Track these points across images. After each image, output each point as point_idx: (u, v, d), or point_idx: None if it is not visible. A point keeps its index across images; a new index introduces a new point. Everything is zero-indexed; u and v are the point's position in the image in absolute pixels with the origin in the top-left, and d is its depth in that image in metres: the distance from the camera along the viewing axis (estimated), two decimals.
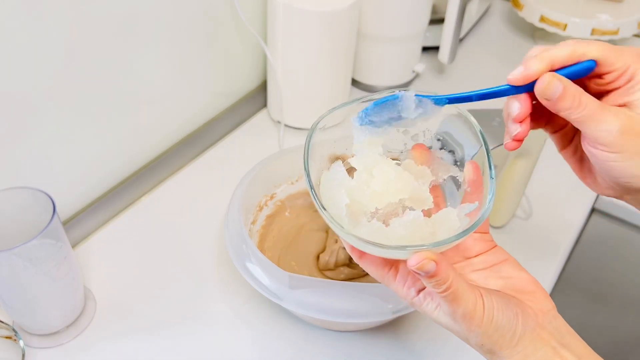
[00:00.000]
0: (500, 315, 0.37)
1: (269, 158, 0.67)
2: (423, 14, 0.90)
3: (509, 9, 1.23)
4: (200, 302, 0.64)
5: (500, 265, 0.41)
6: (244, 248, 0.58)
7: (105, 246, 0.69)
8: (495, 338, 0.37)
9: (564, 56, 0.36)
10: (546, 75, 0.35)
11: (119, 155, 0.72)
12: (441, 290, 0.36)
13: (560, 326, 0.38)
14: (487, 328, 0.36)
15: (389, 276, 0.40)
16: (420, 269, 0.35)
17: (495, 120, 0.60)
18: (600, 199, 0.81)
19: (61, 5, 0.56)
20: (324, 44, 0.79)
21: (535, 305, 0.39)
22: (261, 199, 0.68)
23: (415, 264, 0.34)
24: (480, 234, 0.42)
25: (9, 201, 0.53)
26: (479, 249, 0.41)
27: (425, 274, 0.35)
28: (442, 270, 0.35)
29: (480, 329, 0.36)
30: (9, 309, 0.56)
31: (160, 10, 0.68)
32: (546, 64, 0.35)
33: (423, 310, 0.39)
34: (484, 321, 0.36)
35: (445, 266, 0.35)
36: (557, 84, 0.35)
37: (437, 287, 0.36)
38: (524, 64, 0.36)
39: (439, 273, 0.35)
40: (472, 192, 0.40)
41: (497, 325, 0.36)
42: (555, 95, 0.35)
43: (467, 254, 0.42)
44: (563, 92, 0.35)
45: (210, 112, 0.84)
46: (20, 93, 0.57)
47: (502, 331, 0.37)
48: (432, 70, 1.03)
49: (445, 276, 0.35)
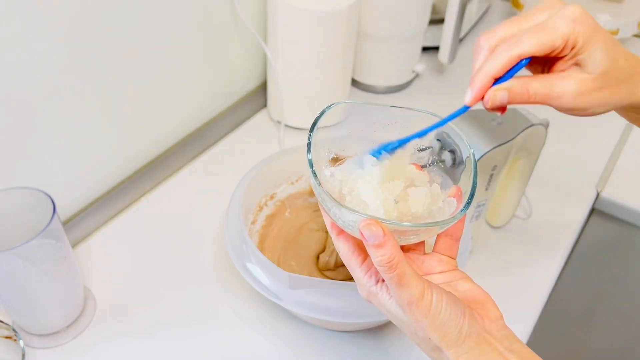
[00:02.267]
0: (448, 310, 0.37)
1: (268, 158, 0.67)
2: (423, 14, 0.90)
3: (509, 9, 1.23)
4: (200, 302, 0.64)
5: (457, 281, 0.42)
6: (244, 248, 0.58)
7: (105, 246, 0.69)
8: (442, 333, 0.37)
9: (501, 67, 0.39)
10: (488, 92, 0.40)
11: (119, 155, 0.72)
12: (387, 269, 0.36)
13: (508, 335, 0.39)
14: (434, 319, 0.37)
15: (357, 261, 0.41)
16: (367, 227, 0.36)
17: (495, 120, 0.60)
18: (600, 199, 0.81)
19: (61, 5, 0.56)
20: (324, 43, 0.79)
21: (484, 313, 0.40)
22: (261, 199, 0.68)
23: (364, 224, 0.36)
24: (447, 257, 0.44)
25: (9, 201, 0.53)
26: (442, 268, 0.43)
27: (373, 238, 0.36)
28: (389, 243, 0.36)
29: (427, 319, 0.37)
30: (8, 309, 0.56)
31: (160, 11, 0.68)
32: (488, 80, 0.39)
33: (378, 299, 0.40)
34: (431, 311, 0.37)
35: (393, 243, 0.36)
36: (501, 93, 0.39)
37: (383, 266, 0.36)
38: (470, 86, 0.40)
39: (385, 244, 0.36)
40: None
41: (444, 319, 0.37)
42: (504, 101, 0.40)
43: (430, 271, 0.43)
44: (509, 95, 0.39)
45: (210, 112, 0.84)
46: (20, 93, 0.57)
47: (448, 326, 0.37)
48: (432, 70, 1.03)
49: (391, 253, 0.36)
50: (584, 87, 0.39)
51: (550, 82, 0.40)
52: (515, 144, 0.60)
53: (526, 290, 0.67)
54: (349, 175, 0.42)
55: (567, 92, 0.40)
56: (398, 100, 0.95)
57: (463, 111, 0.41)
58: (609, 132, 0.91)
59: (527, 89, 0.40)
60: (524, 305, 0.65)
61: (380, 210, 0.40)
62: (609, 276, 0.95)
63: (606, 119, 0.96)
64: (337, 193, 0.42)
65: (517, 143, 0.60)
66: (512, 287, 0.67)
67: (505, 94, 0.39)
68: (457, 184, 0.44)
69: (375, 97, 0.95)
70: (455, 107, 0.42)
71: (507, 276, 0.69)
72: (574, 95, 0.40)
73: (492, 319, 0.39)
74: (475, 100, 0.40)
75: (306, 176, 0.70)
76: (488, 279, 0.68)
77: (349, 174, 0.42)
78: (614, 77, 0.40)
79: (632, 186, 0.82)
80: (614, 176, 0.83)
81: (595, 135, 0.90)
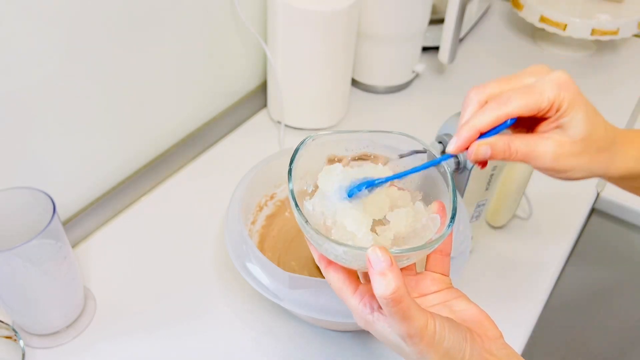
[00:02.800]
0: (451, 338, 0.37)
1: (269, 158, 0.67)
2: (423, 14, 0.90)
3: (509, 9, 1.23)
4: (200, 303, 0.64)
5: (453, 301, 0.42)
6: (244, 248, 0.58)
7: (105, 246, 0.69)
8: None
9: (488, 123, 0.40)
10: (473, 145, 0.41)
11: (119, 155, 0.72)
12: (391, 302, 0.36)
13: (510, 353, 0.39)
14: (438, 348, 0.37)
15: (348, 290, 0.41)
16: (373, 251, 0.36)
17: None
18: (600, 199, 0.81)
19: (60, 5, 0.56)
20: (324, 44, 0.79)
21: (482, 332, 0.40)
22: (261, 199, 0.68)
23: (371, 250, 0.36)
24: (440, 275, 0.44)
25: (9, 201, 0.53)
26: (436, 287, 0.43)
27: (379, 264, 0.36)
28: (393, 273, 0.36)
29: (432, 349, 0.37)
30: (8, 309, 0.56)
31: (160, 11, 0.68)
32: (474, 133, 0.41)
33: (375, 329, 0.40)
34: (435, 341, 0.37)
35: (397, 274, 0.36)
36: (484, 148, 0.41)
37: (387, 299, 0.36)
38: (456, 135, 0.41)
39: (389, 273, 0.35)
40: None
41: (447, 347, 0.37)
42: (486, 156, 0.41)
43: (424, 291, 0.43)
44: (492, 151, 0.41)
45: (210, 112, 0.84)
46: (20, 93, 0.57)
47: (451, 353, 0.37)
48: (432, 70, 1.03)
49: (395, 284, 0.35)
50: (563, 150, 0.41)
51: (531, 142, 0.42)
52: None
53: (526, 290, 0.67)
54: (329, 207, 0.42)
55: (547, 153, 0.41)
56: (398, 100, 0.95)
57: (445, 159, 0.42)
58: None
59: (510, 146, 0.41)
60: (524, 305, 0.65)
61: (369, 237, 0.40)
62: (608, 276, 0.95)
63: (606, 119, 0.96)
64: (322, 225, 0.42)
65: None
66: (512, 287, 0.67)
67: (489, 149, 0.41)
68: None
69: (375, 97, 0.95)
70: (455, 108, 0.42)
71: (507, 276, 0.69)
72: (552, 156, 0.41)
73: (491, 338, 0.40)
74: (458, 150, 0.41)
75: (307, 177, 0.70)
76: (488, 279, 0.69)
77: (329, 206, 0.42)
78: (594, 145, 0.42)
79: None
80: None
81: None
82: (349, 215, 0.41)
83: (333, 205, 0.42)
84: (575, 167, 0.42)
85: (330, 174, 0.43)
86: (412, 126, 0.90)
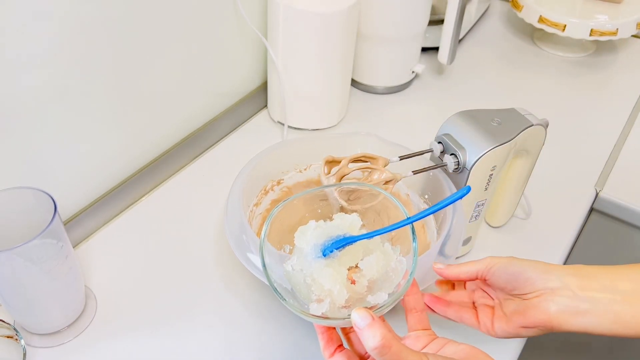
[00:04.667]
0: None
1: (272, 147, 0.68)
2: (422, 14, 0.91)
3: (508, 10, 1.23)
4: (200, 303, 0.64)
5: (442, 349, 0.43)
6: (244, 238, 0.58)
7: (107, 246, 0.70)
8: None
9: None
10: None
11: (120, 156, 0.72)
12: (382, 349, 0.37)
13: None
14: None
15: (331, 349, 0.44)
16: (356, 312, 0.39)
17: (494, 120, 0.60)
18: (599, 199, 0.81)
19: (63, 7, 0.57)
20: (324, 44, 0.79)
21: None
22: (267, 184, 0.68)
23: (355, 313, 0.39)
24: (423, 330, 0.45)
25: (11, 201, 0.53)
26: (423, 343, 0.44)
27: (362, 321, 0.38)
28: (377, 322, 0.38)
29: None
30: (10, 308, 0.56)
31: (161, 11, 0.68)
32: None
33: None
34: None
35: (380, 323, 0.38)
36: None
37: (378, 346, 0.37)
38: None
39: (374, 324, 0.38)
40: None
41: None
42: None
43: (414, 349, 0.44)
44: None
45: (210, 113, 0.84)
46: (22, 94, 0.57)
47: None
48: (431, 70, 1.03)
49: (382, 331, 0.37)
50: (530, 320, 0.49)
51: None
52: (514, 144, 0.60)
53: None
54: (306, 266, 0.44)
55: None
56: (398, 101, 0.95)
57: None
58: (608, 132, 0.91)
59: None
60: None
61: (343, 292, 0.43)
62: None
63: (605, 119, 0.97)
64: (303, 284, 0.44)
65: (516, 143, 0.60)
66: None
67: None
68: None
69: (375, 98, 0.96)
70: (454, 108, 0.42)
71: None
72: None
73: None
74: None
75: (315, 165, 0.70)
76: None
77: (306, 265, 0.44)
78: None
79: (631, 186, 0.82)
80: (613, 176, 0.83)
81: (594, 135, 0.90)
82: (324, 274, 0.43)
83: (309, 264, 0.44)
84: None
85: (305, 232, 0.45)
86: (411, 126, 0.91)
